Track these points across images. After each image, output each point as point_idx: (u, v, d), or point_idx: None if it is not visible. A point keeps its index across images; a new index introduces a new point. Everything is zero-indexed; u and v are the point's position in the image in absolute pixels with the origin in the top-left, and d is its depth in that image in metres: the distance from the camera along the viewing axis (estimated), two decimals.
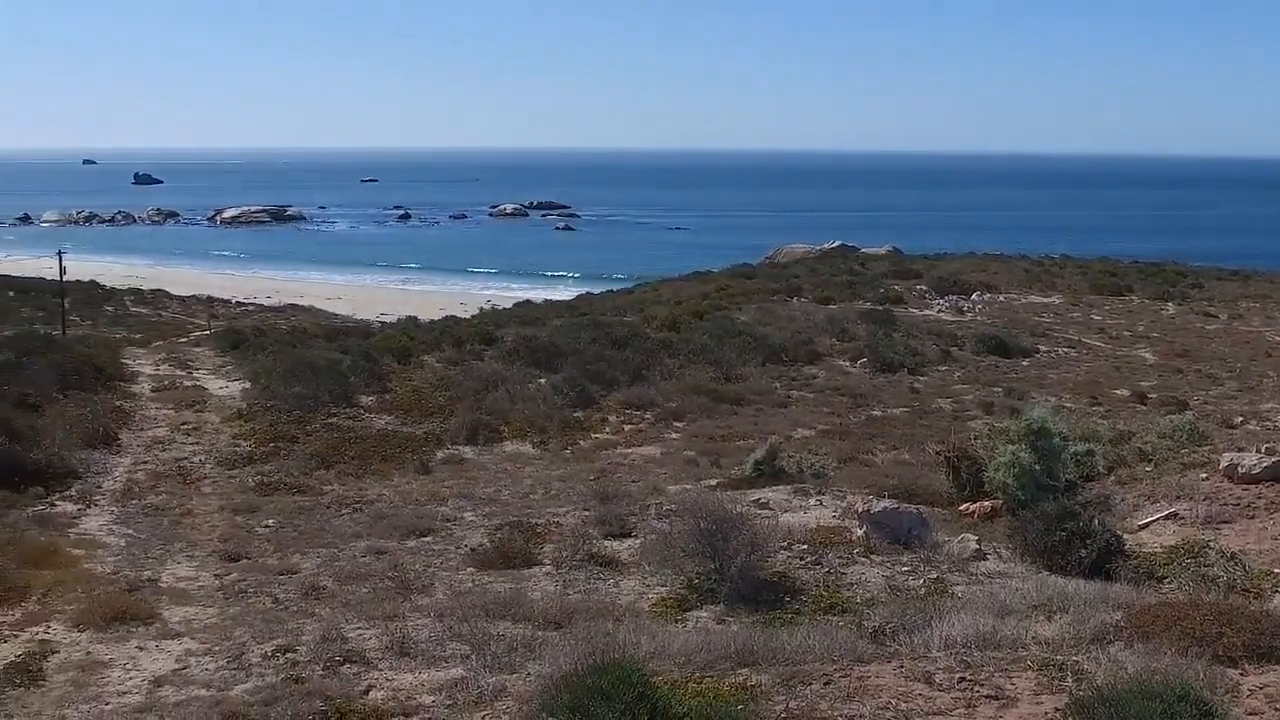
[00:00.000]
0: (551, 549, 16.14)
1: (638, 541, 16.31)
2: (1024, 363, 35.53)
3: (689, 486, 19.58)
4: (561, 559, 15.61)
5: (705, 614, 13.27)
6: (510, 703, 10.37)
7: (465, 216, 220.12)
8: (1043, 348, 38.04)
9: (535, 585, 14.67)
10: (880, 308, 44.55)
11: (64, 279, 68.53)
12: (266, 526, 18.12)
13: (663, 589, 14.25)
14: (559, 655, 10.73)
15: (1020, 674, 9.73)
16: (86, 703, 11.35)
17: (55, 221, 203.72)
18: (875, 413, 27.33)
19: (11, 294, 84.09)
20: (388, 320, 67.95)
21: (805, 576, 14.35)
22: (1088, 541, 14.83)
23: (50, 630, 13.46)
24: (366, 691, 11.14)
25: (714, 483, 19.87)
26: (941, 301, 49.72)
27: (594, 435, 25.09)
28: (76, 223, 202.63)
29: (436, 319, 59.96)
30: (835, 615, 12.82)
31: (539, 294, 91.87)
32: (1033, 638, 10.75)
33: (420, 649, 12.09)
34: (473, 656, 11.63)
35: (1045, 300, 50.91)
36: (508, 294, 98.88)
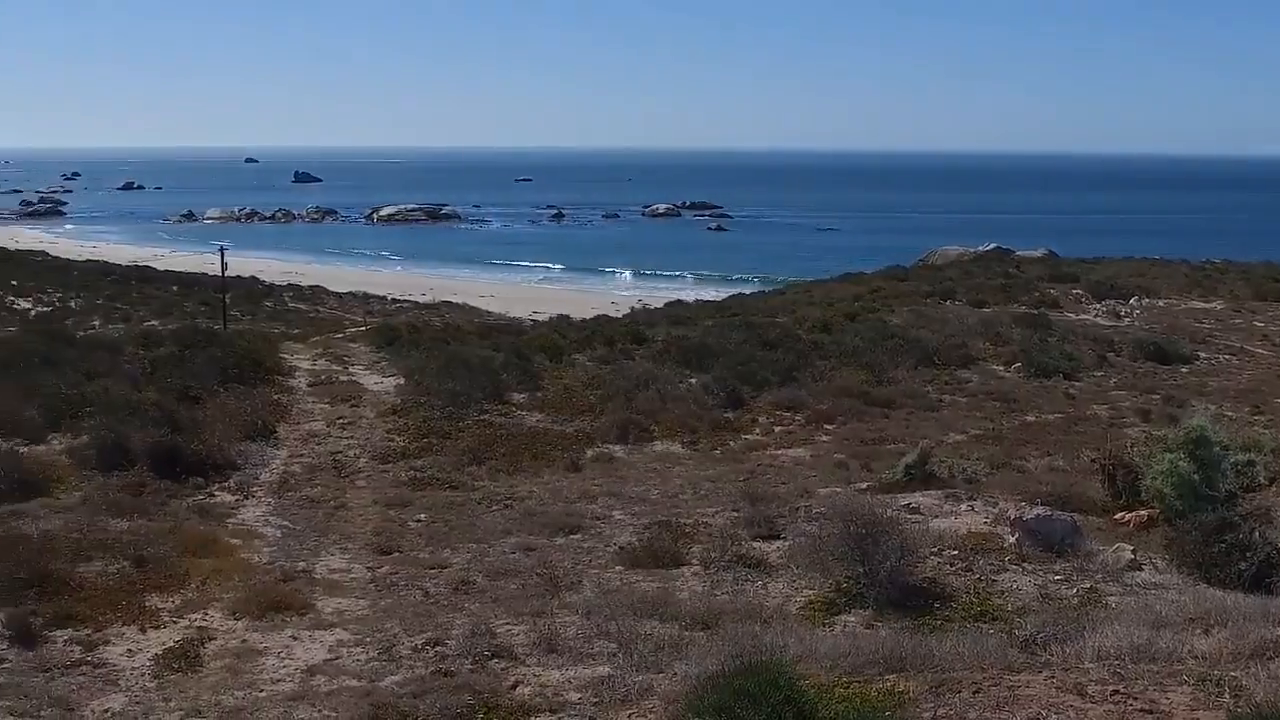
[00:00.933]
0: (700, 549, 16.13)
1: (786, 543, 16.24)
2: (1183, 369, 34.73)
3: (839, 489, 19.44)
4: (710, 559, 15.60)
5: (853, 618, 13.19)
6: (657, 702, 10.39)
7: (618, 216, 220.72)
8: (1203, 354, 37.15)
9: (683, 585, 14.69)
10: (1035, 311, 43.84)
11: (225, 274, 69.98)
12: (418, 521, 18.32)
13: (811, 592, 14.19)
14: (706, 656, 10.73)
15: (1176, 688, 9.52)
16: (241, 689, 11.60)
17: (218, 218, 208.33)
18: (1029, 418, 26.91)
19: (175, 289, 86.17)
20: (540, 318, 68.33)
21: (955, 583, 14.21)
22: (1248, 554, 14.47)
23: (208, 617, 13.77)
24: (514, 687, 11.23)
25: (864, 486, 19.71)
26: (1098, 306, 48.78)
27: (744, 436, 25.00)
28: (238, 220, 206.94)
29: (588, 318, 60.20)
30: (985, 623, 12.69)
31: (690, 294, 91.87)
32: (1189, 651, 10.51)
33: (568, 646, 12.17)
34: (620, 655, 11.68)
35: (1206, 305, 49.72)
36: (659, 293, 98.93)
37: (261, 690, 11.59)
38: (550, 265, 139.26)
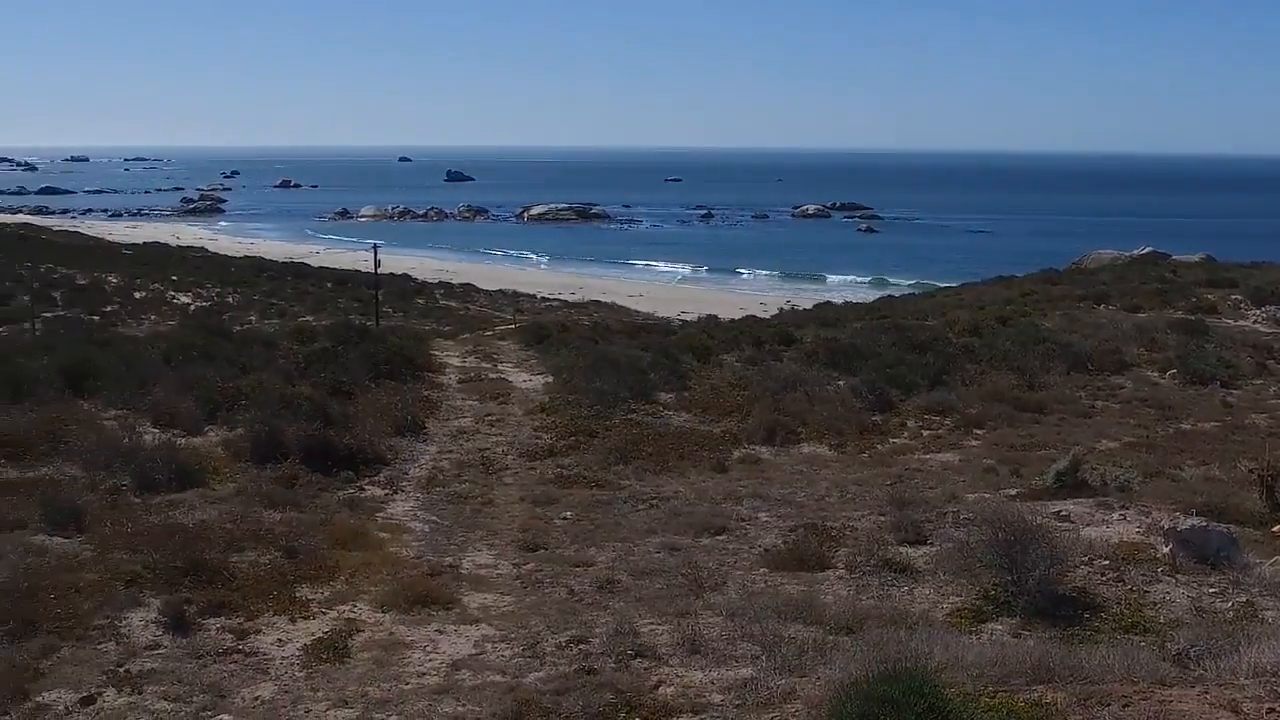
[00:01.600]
0: (846, 553, 16.01)
1: (933, 549, 16.06)
2: None
3: (988, 495, 19.20)
4: (855, 563, 15.47)
5: (1001, 626, 13.01)
6: (799, 706, 10.33)
7: (767, 217, 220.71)
8: None
9: (828, 589, 14.59)
10: (1192, 317, 42.96)
11: (378, 272, 71.02)
12: (564, 518, 18.40)
13: (957, 599, 14.02)
14: (850, 661, 10.63)
15: None
16: (387, 681, 11.74)
17: (371, 216, 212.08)
18: (1184, 426, 26.33)
19: (330, 285, 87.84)
20: (688, 318, 68.48)
21: (1106, 593, 13.95)
22: None
23: (356, 609, 13.95)
24: (656, 687, 11.23)
25: (1013, 492, 19.44)
26: (1258, 312, 47.60)
27: (892, 439, 24.78)
28: (391, 218, 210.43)
29: (736, 318, 60.20)
30: (1137, 635, 12.44)
31: (838, 295, 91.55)
32: None
33: (711, 647, 12.14)
34: (763, 657, 11.62)
35: None
36: (807, 295, 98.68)
37: (407, 683, 11.73)
38: (698, 266, 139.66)
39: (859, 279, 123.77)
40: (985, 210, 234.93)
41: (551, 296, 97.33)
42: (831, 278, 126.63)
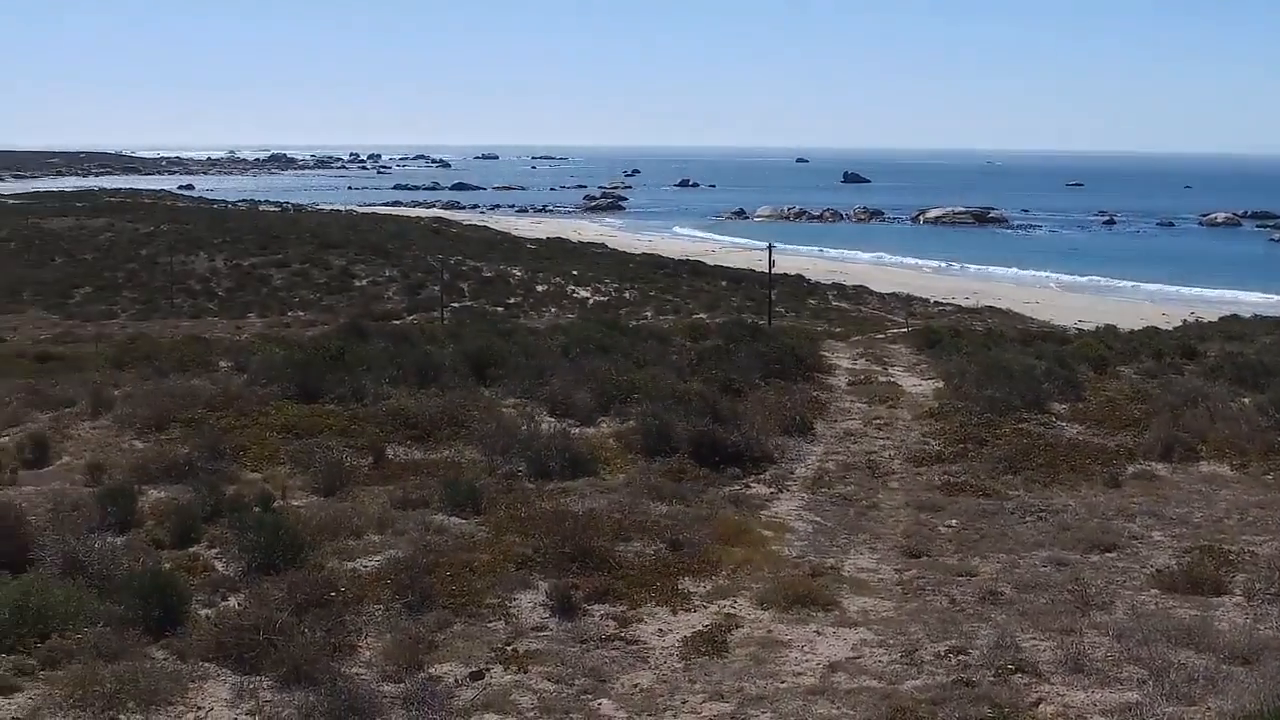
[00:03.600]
0: (1244, 579, 15.30)
1: None
2: None
3: None
4: (1254, 590, 14.76)
5: None
6: None
7: (1172, 224, 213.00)
8: None
9: (1223, 615, 13.96)
10: None
11: (772, 271, 71.61)
12: (949, 526, 18.15)
13: None
14: (1243, 692, 10.21)
15: None
16: (764, 678, 11.86)
17: (767, 216, 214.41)
18: None
19: (724, 284, 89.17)
20: (1084, 327, 66.74)
21: None
22: None
23: (736, 605, 14.13)
24: (1036, 704, 11.02)
25: None
26: None
27: None
28: (787, 218, 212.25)
29: (1135, 329, 58.43)
30: None
31: (1246, 308, 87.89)
32: None
33: (1095, 668, 11.82)
34: (1150, 682, 11.25)
35: None
36: (1212, 307, 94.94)
37: (783, 681, 11.81)
38: (1097, 273, 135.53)
39: (1270, 294, 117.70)
40: None
41: (945, 301, 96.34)
42: (1238, 292, 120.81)
